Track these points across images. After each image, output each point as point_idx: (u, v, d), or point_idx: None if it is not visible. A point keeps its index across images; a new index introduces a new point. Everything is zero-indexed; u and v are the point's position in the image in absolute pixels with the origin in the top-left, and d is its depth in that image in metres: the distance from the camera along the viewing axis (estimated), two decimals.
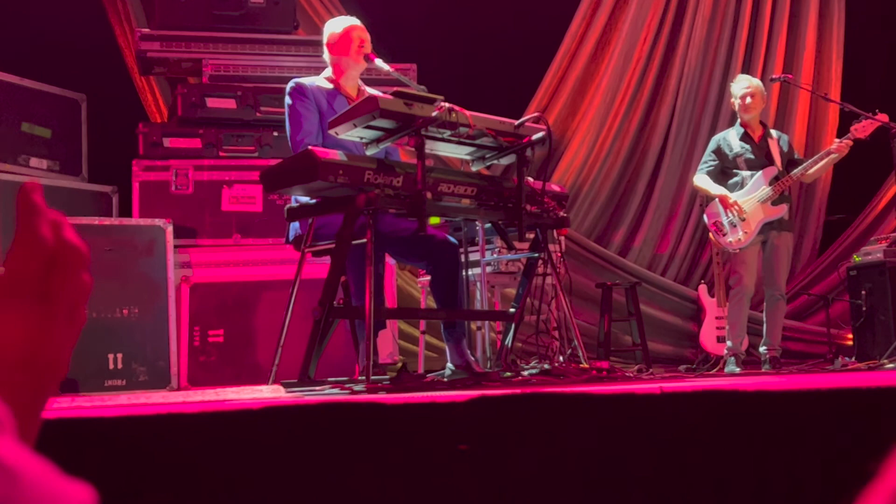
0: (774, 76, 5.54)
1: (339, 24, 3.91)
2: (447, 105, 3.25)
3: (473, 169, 3.75)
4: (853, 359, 5.43)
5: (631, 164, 7.64)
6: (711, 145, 5.20)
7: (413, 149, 3.27)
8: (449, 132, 3.32)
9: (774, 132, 5.21)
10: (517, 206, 3.51)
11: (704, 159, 5.19)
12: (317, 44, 4.91)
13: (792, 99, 7.72)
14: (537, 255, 3.85)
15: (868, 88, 7.42)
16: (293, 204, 3.60)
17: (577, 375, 3.41)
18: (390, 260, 4.71)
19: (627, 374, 3.76)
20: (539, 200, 3.64)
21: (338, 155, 3.17)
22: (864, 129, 4.85)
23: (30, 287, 0.47)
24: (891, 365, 4.58)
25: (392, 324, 5.00)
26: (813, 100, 7.66)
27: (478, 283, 4.73)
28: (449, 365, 3.65)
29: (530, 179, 3.70)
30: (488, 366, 4.25)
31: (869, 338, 5.80)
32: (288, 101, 3.75)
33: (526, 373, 3.53)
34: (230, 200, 4.95)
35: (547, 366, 3.65)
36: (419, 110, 3.20)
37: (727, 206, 4.96)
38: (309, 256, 3.65)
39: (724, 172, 5.11)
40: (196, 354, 4.69)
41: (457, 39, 7.10)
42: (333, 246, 3.32)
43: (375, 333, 3.41)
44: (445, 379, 3.48)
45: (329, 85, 3.83)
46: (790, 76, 5.73)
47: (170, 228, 4.58)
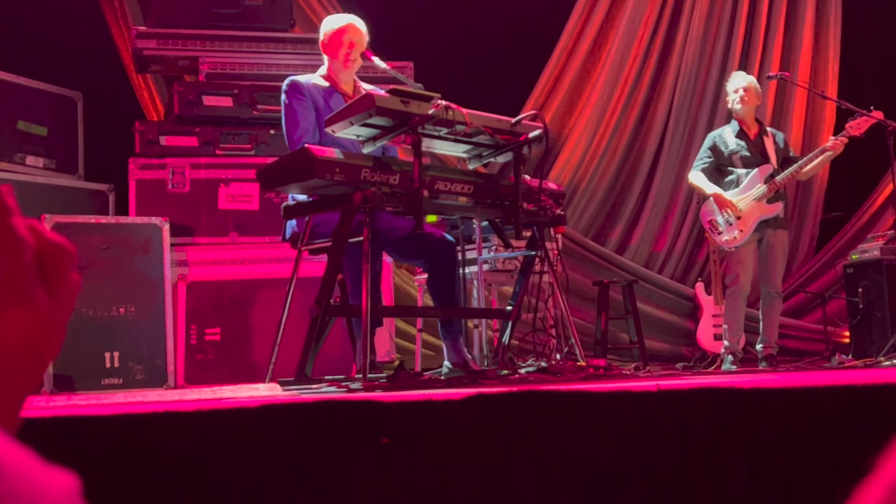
0: (771, 73, 5.55)
1: (334, 24, 3.86)
2: (444, 103, 3.24)
3: (470, 167, 3.74)
4: (850, 356, 5.44)
5: (628, 162, 7.65)
6: (707, 142, 5.20)
7: (410, 147, 3.26)
8: (446, 130, 3.31)
9: (770, 130, 5.21)
10: (514, 204, 3.50)
11: (700, 156, 5.19)
12: (313, 41, 4.90)
13: (789, 96, 7.72)
14: (534, 252, 3.85)
15: (865, 86, 7.43)
16: (290, 202, 3.60)
17: (574, 373, 3.41)
18: (387, 258, 4.71)
19: (624, 372, 3.76)
20: (536, 198, 3.63)
21: (334, 153, 3.17)
22: (859, 126, 4.85)
23: (17, 286, 0.47)
24: (888, 362, 4.58)
25: (389, 322, 5.00)
26: (810, 97, 7.67)
27: (475, 281, 4.73)
28: (446, 363, 3.65)
29: (527, 177, 3.70)
30: (485, 364, 4.26)
31: (866, 335, 5.80)
32: (284, 99, 3.73)
33: (523, 371, 3.53)
34: (227, 199, 4.95)
35: (544, 364, 3.65)
36: (416, 108, 3.19)
37: (721, 206, 4.96)
38: (306, 254, 3.65)
39: (720, 170, 5.11)
40: (193, 353, 4.68)
41: (454, 37, 7.10)
42: (330, 244, 3.32)
43: (372, 331, 3.41)
44: (442, 377, 3.48)
45: (325, 82, 3.81)
46: (787, 74, 5.74)
47: (166, 227, 4.58)
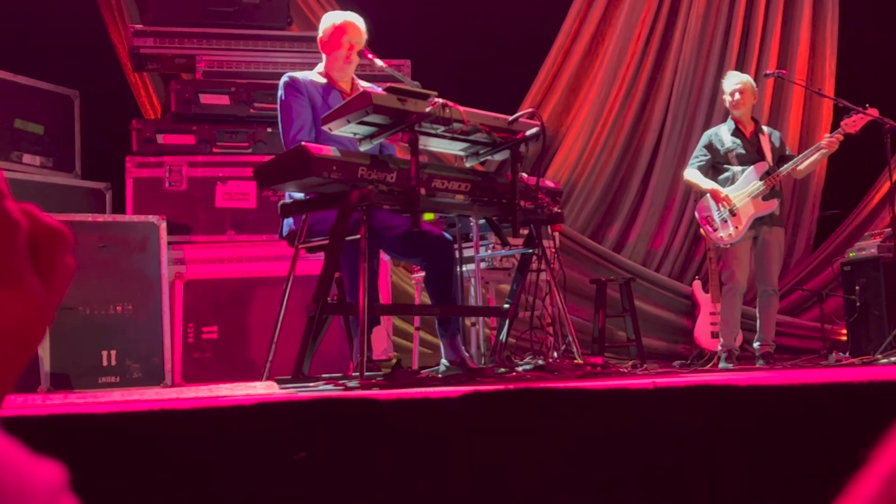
0: (768, 72, 5.56)
1: (332, 22, 3.84)
2: (441, 101, 3.24)
3: (467, 165, 3.74)
4: (847, 354, 5.45)
5: (625, 160, 7.65)
6: (703, 140, 5.20)
7: (407, 145, 3.26)
8: (443, 128, 3.31)
9: (766, 128, 5.21)
10: (511, 202, 3.50)
11: (696, 154, 5.19)
12: (311, 40, 4.90)
13: (786, 94, 7.73)
14: (531, 250, 3.85)
15: (862, 84, 7.42)
16: (287, 200, 3.59)
17: (571, 371, 3.41)
18: (385, 256, 4.70)
19: (621, 370, 3.76)
20: (533, 196, 3.63)
21: (331, 151, 3.16)
22: (854, 124, 4.85)
23: (7, 269, 0.46)
24: (885, 360, 4.58)
25: (387, 320, 4.99)
26: (807, 95, 7.67)
27: (472, 279, 4.73)
28: (443, 361, 3.65)
29: (524, 175, 3.69)
30: (483, 362, 4.26)
31: (863, 333, 5.81)
32: (281, 96, 3.71)
33: (520, 368, 3.53)
34: (224, 197, 4.94)
35: (541, 362, 3.65)
36: (413, 106, 3.19)
37: (718, 201, 4.96)
38: (303, 253, 3.65)
39: (716, 168, 5.12)
40: (190, 351, 4.68)
41: (451, 35, 7.10)
42: (327, 242, 3.32)
43: (369, 329, 3.41)
44: (440, 375, 3.48)
45: (323, 79, 3.81)
46: (784, 72, 5.74)
47: (163, 225, 4.57)
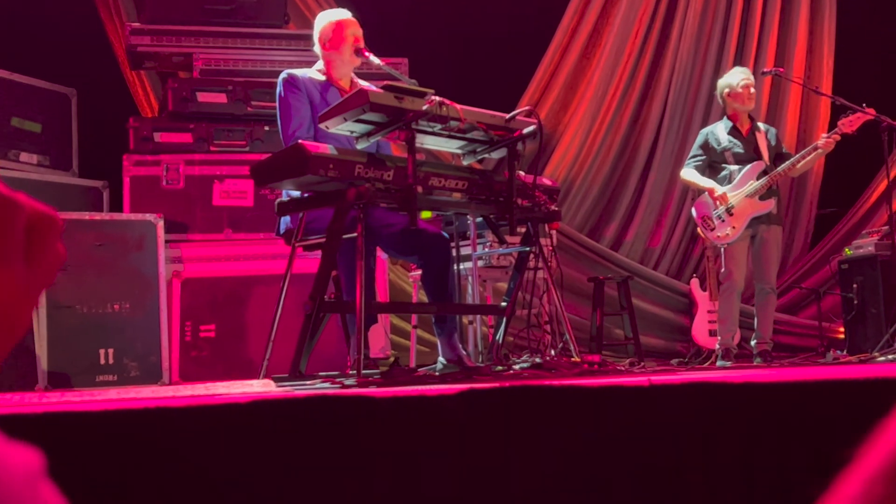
0: (766, 69, 5.55)
1: (331, 19, 3.85)
2: (438, 99, 3.24)
3: (465, 163, 3.74)
4: (845, 352, 5.45)
5: (623, 159, 7.65)
6: (699, 139, 5.20)
7: (404, 142, 3.26)
8: (440, 126, 3.31)
9: (762, 126, 5.20)
10: (508, 200, 3.50)
11: (692, 153, 5.19)
12: (308, 38, 4.88)
13: (783, 92, 7.73)
14: (528, 248, 3.85)
15: (860, 82, 7.43)
16: (284, 198, 3.59)
17: (568, 369, 3.41)
18: (382, 254, 4.70)
19: (618, 368, 3.76)
20: (530, 194, 3.63)
21: (328, 149, 3.16)
22: (851, 123, 4.84)
23: (6, 249, 0.46)
24: (882, 358, 4.59)
25: (384, 318, 4.99)
26: (804, 93, 7.68)
27: (469, 278, 4.73)
28: (440, 359, 3.65)
29: (521, 173, 3.69)
30: (480, 360, 4.26)
31: (860, 331, 5.82)
32: (280, 93, 3.72)
33: (517, 367, 3.53)
34: (221, 195, 4.94)
35: (538, 360, 3.65)
36: (410, 104, 3.19)
37: (715, 199, 4.96)
38: (300, 251, 3.64)
39: (712, 167, 5.11)
40: (188, 349, 4.68)
41: (448, 33, 7.09)
42: (324, 240, 3.31)
43: (366, 327, 3.41)
44: (437, 373, 3.48)
45: (322, 77, 3.81)
46: (781, 69, 5.74)
47: (161, 223, 4.57)
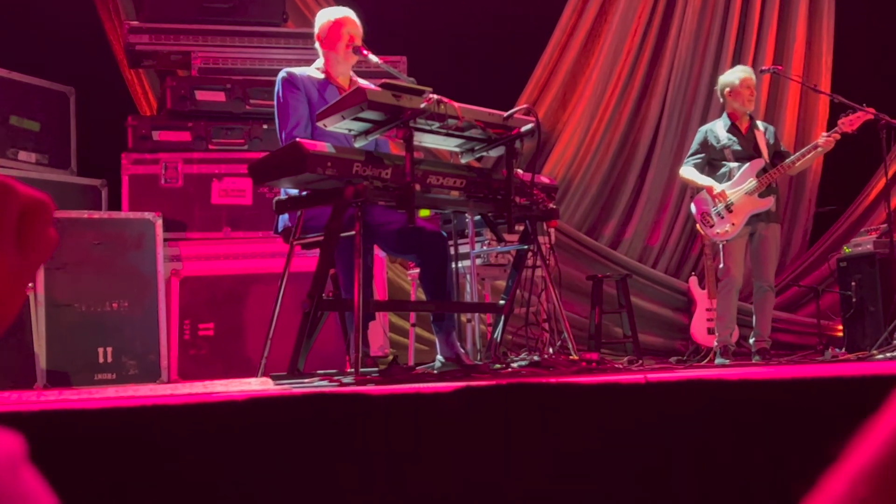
0: (764, 67, 5.55)
1: (329, 17, 3.86)
2: (436, 97, 3.24)
3: (463, 161, 3.74)
4: (843, 350, 5.46)
5: (621, 157, 7.65)
6: (698, 137, 5.20)
7: (402, 141, 3.26)
8: (438, 124, 3.31)
9: (761, 124, 5.20)
10: (506, 198, 3.50)
11: (691, 151, 5.19)
12: (307, 36, 4.90)
13: (782, 91, 7.73)
14: (527, 246, 3.85)
15: (858, 80, 7.43)
16: (282, 196, 3.59)
17: (566, 367, 3.41)
18: (380, 252, 4.70)
19: (616, 366, 3.76)
20: (528, 192, 3.63)
21: (326, 147, 3.16)
22: (851, 123, 4.84)
23: (0, 235, 0.46)
24: (881, 355, 4.59)
25: (383, 317, 5.00)
26: (803, 91, 7.68)
27: (467, 276, 4.73)
28: (439, 357, 3.65)
29: (520, 171, 3.69)
30: (478, 358, 4.26)
31: (859, 329, 5.82)
32: (278, 92, 3.73)
33: (515, 365, 3.53)
34: (220, 193, 4.94)
35: (537, 358, 3.65)
36: (408, 102, 3.19)
37: (714, 197, 4.96)
38: (298, 249, 3.65)
39: (712, 164, 5.11)
40: (186, 348, 4.68)
41: (447, 32, 7.09)
42: (322, 238, 3.32)
43: (365, 325, 3.41)
44: (435, 371, 3.48)
45: (320, 75, 3.82)
46: (780, 67, 5.74)
47: (159, 222, 4.58)
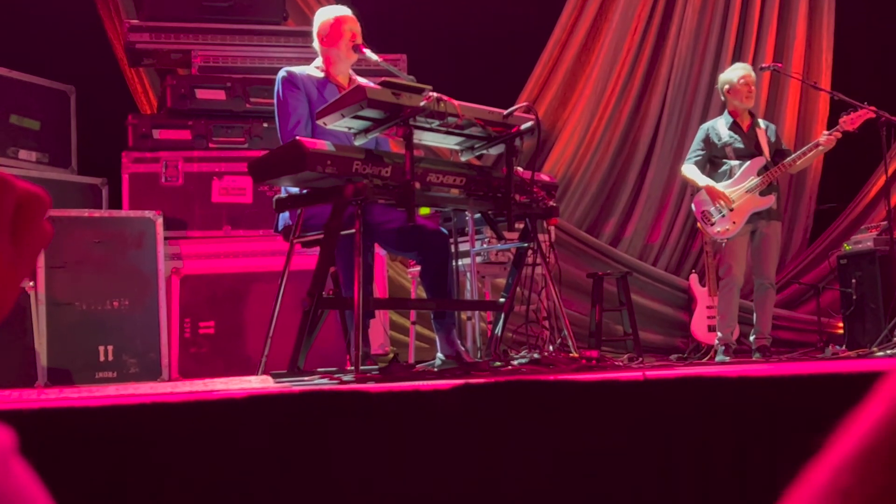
0: (764, 65, 5.54)
1: (329, 15, 3.88)
2: (435, 95, 3.24)
3: (463, 159, 3.74)
4: (844, 347, 5.46)
5: (622, 154, 7.65)
6: (700, 134, 5.20)
7: (402, 139, 3.26)
8: (437, 122, 3.31)
9: (762, 122, 5.20)
10: (506, 196, 3.50)
11: (693, 149, 5.19)
12: (306, 35, 4.90)
13: (782, 88, 7.73)
14: (527, 244, 3.85)
15: (858, 77, 7.42)
16: (282, 195, 3.60)
17: (566, 364, 3.42)
18: (381, 251, 4.70)
19: (616, 363, 3.76)
20: (528, 190, 3.64)
21: (326, 145, 3.16)
22: (852, 121, 4.84)
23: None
24: (881, 353, 4.59)
25: (383, 315, 5.00)
26: (803, 89, 7.67)
27: (467, 274, 4.73)
28: (439, 355, 3.65)
29: (520, 169, 3.70)
30: (478, 355, 4.26)
31: (859, 326, 5.82)
32: (278, 91, 3.74)
33: (515, 362, 3.53)
34: (220, 192, 4.94)
35: (537, 355, 3.65)
36: (407, 100, 3.19)
37: (714, 198, 4.96)
38: (298, 247, 3.65)
39: (713, 162, 5.11)
40: (187, 346, 4.69)
41: (447, 30, 7.09)
42: (322, 237, 3.32)
43: (365, 324, 3.42)
44: (435, 369, 3.49)
45: (320, 74, 3.83)
46: (780, 65, 5.73)
47: (160, 220, 4.58)
